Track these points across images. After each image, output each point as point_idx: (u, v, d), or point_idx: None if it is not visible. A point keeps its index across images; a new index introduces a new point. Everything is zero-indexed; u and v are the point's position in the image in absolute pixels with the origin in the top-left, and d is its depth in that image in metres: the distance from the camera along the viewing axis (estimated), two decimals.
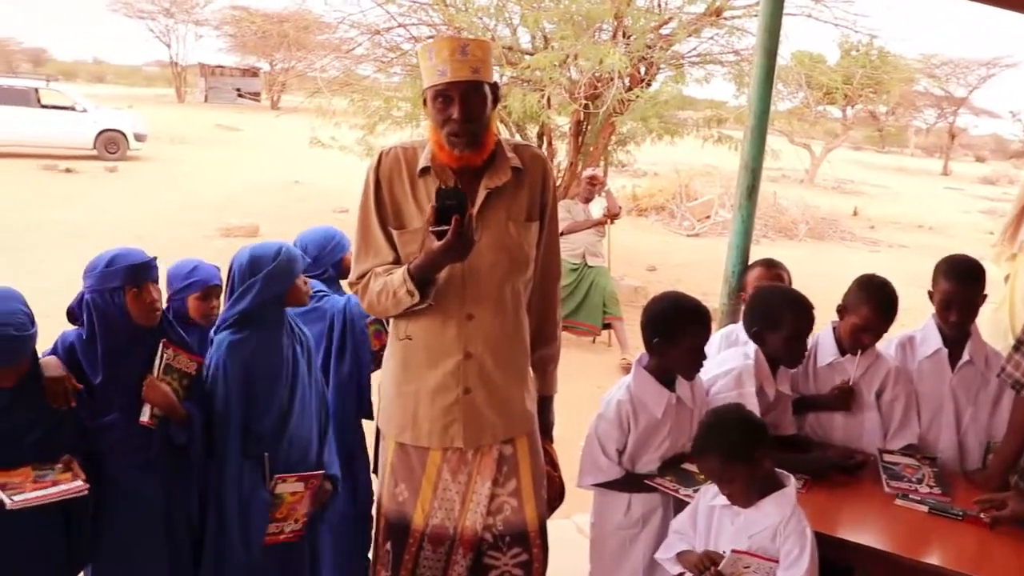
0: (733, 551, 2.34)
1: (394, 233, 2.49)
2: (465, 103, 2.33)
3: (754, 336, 2.97)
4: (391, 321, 2.62)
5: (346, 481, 3.16)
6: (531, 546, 2.60)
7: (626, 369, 7.07)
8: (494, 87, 2.43)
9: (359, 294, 2.55)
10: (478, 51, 2.36)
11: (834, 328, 3.14)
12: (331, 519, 3.17)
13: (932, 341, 3.13)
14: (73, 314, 2.57)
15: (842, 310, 3.09)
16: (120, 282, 2.49)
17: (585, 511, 3.06)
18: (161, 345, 2.57)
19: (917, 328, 3.21)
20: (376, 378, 2.90)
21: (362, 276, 2.53)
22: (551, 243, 2.66)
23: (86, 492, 2.38)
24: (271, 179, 17.72)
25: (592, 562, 2.96)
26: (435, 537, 2.58)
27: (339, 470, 3.05)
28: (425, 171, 2.46)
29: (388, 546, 2.61)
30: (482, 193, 2.45)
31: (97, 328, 2.52)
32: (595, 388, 6.30)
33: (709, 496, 2.55)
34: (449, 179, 2.42)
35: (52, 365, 2.49)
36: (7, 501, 2.23)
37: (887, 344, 3.17)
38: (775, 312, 2.92)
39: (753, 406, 2.73)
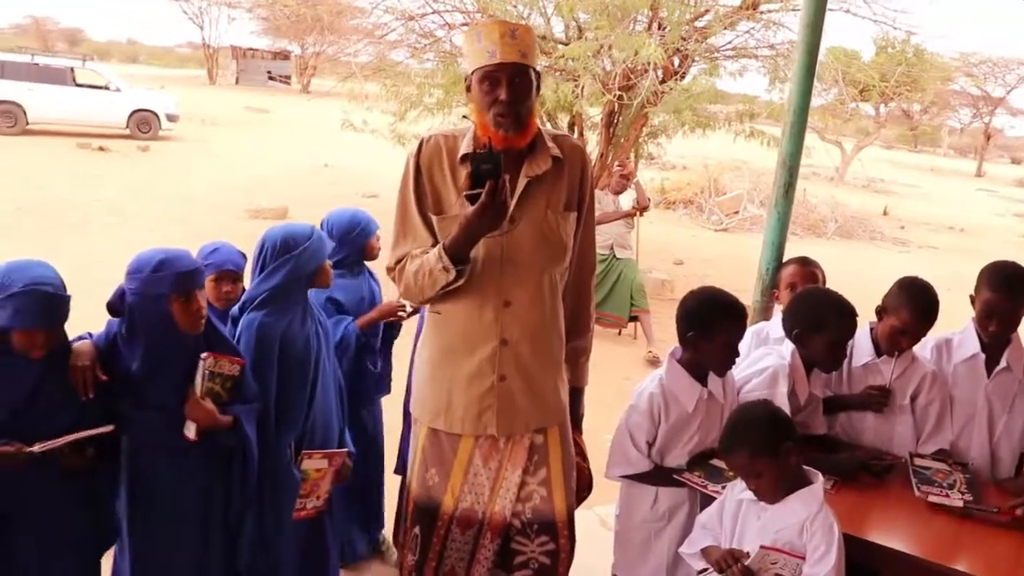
0: (761, 547, 2.33)
1: (434, 219, 2.49)
2: (513, 85, 2.35)
3: (795, 338, 2.94)
4: (426, 308, 2.63)
5: None
6: (559, 536, 2.61)
7: (652, 362, 7.07)
8: (537, 74, 2.45)
9: (396, 279, 2.56)
10: (526, 36, 2.39)
11: (871, 329, 3.10)
12: None
13: (970, 345, 3.08)
14: (113, 309, 2.52)
15: (881, 311, 3.05)
16: (167, 290, 2.42)
17: (608, 503, 3.06)
18: (201, 360, 2.52)
19: (956, 331, 3.16)
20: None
21: (399, 261, 2.54)
22: (587, 235, 2.66)
23: (111, 430, 2.40)
24: (301, 162, 17.83)
25: (616, 554, 2.97)
26: (464, 521, 2.59)
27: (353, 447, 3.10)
28: (465, 158, 2.46)
29: (416, 530, 2.62)
30: (522, 181, 2.45)
31: (140, 331, 2.48)
32: (622, 380, 6.30)
33: (737, 490, 2.55)
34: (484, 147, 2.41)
35: (83, 353, 2.47)
36: (33, 449, 2.27)
37: (923, 345, 3.13)
38: (820, 315, 2.89)
39: (784, 406, 2.72)
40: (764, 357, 2.98)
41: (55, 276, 2.38)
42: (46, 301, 2.32)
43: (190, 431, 2.51)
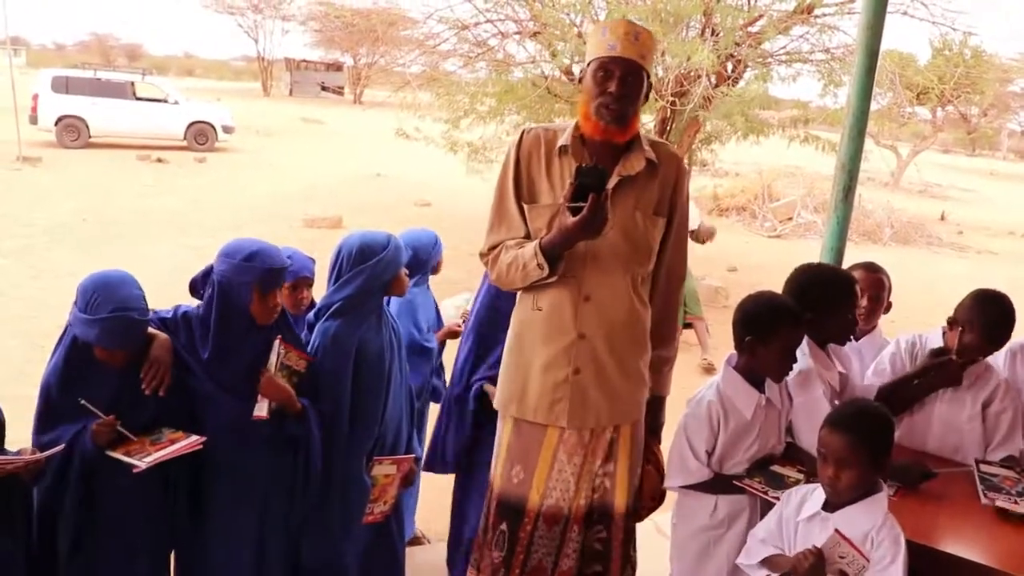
0: (836, 531, 2.28)
1: (525, 207, 2.56)
2: (625, 81, 2.42)
3: (808, 324, 2.82)
4: (519, 295, 2.66)
5: None
6: (612, 527, 2.65)
7: (706, 369, 7.01)
8: (650, 81, 2.51)
9: (488, 265, 2.63)
10: (648, 41, 2.46)
11: (944, 334, 3.05)
12: None
13: None
14: (194, 287, 2.62)
15: (952, 323, 3.01)
16: (253, 279, 2.53)
17: (664, 511, 3.03)
18: (277, 341, 2.60)
19: None
20: None
21: (493, 247, 2.60)
22: (678, 243, 2.69)
23: (202, 445, 2.47)
24: (354, 172, 18.05)
25: (674, 563, 2.92)
26: (550, 517, 2.62)
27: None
28: (563, 150, 2.53)
29: (503, 526, 2.65)
30: (614, 180, 2.48)
31: (215, 311, 2.56)
32: (675, 388, 6.25)
33: (792, 507, 2.50)
34: (587, 159, 2.48)
35: (160, 352, 2.52)
36: (139, 464, 2.33)
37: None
38: (830, 294, 2.88)
39: (824, 409, 2.66)
40: None
41: (139, 296, 2.46)
42: (130, 326, 2.41)
43: (262, 410, 2.57)
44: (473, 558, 2.79)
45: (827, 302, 2.87)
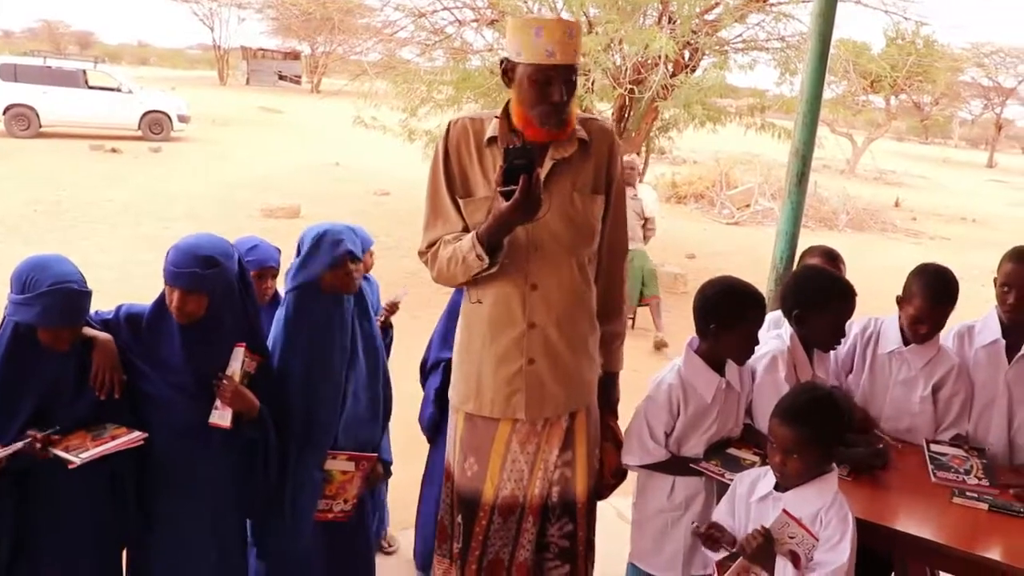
0: (784, 511, 2.31)
1: (461, 202, 2.52)
2: (568, 84, 2.38)
3: (796, 319, 2.92)
4: (465, 289, 2.63)
5: None
6: (577, 515, 2.64)
7: (658, 346, 7.14)
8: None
9: (428, 263, 2.59)
10: (578, 33, 2.41)
11: (899, 319, 3.08)
12: None
13: (990, 331, 3.06)
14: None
15: (900, 300, 3.05)
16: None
17: (625, 495, 3.06)
18: (240, 348, 2.54)
19: (978, 318, 3.14)
20: None
21: (432, 244, 2.56)
22: (617, 217, 2.66)
23: (143, 441, 2.41)
24: (312, 161, 17.88)
25: (633, 543, 2.95)
26: (505, 508, 2.61)
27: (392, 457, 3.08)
28: (492, 141, 2.49)
29: (459, 519, 2.65)
30: (548, 164, 2.46)
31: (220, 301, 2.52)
32: (631, 372, 6.25)
33: (744, 488, 2.53)
34: (515, 142, 2.43)
35: (107, 356, 2.46)
36: (74, 459, 2.26)
37: (946, 332, 3.11)
38: (822, 296, 2.87)
39: (781, 392, 2.68)
40: (767, 341, 2.95)
41: (76, 272, 2.39)
42: (72, 299, 2.34)
43: (225, 419, 2.50)
44: (436, 543, 2.78)
45: (819, 303, 2.87)
